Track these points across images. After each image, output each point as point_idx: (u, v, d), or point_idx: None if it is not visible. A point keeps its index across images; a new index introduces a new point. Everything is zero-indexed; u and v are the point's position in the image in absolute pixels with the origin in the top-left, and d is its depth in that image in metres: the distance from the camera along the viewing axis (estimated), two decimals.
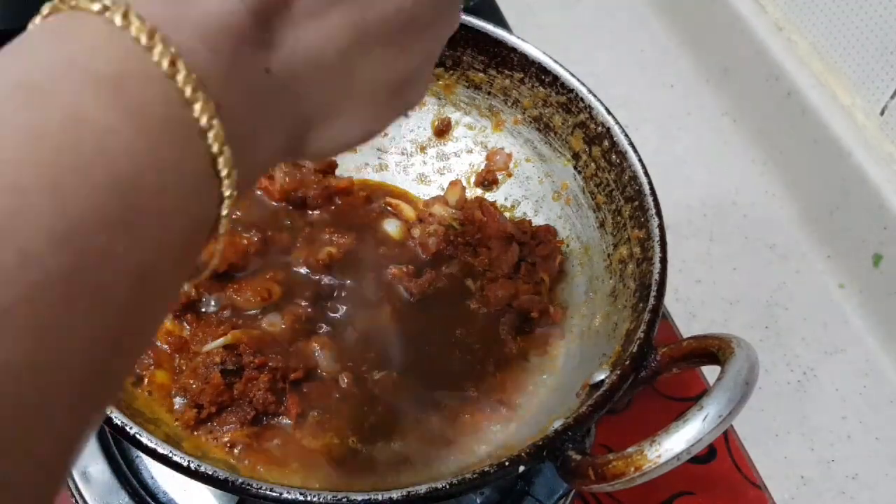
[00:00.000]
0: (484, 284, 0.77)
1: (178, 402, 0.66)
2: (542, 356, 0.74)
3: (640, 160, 0.73)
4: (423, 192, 0.85)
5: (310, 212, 0.80)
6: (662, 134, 1.19)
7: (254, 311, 0.72)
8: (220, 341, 0.67)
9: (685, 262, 1.05)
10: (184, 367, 0.67)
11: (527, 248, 0.79)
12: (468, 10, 0.81)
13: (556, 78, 0.78)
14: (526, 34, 0.82)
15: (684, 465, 0.55)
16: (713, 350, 0.60)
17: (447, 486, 0.55)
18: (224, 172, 0.34)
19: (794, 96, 1.10)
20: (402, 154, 0.86)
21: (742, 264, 1.06)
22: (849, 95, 1.07)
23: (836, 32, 1.07)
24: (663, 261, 0.67)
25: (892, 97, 1.01)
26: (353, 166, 0.85)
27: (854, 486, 0.90)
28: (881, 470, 0.91)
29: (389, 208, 0.82)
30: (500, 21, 1.18)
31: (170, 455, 0.55)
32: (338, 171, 0.83)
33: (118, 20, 0.32)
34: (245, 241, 0.76)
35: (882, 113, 1.03)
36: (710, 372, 0.89)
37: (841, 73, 1.07)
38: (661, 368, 0.63)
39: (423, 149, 0.86)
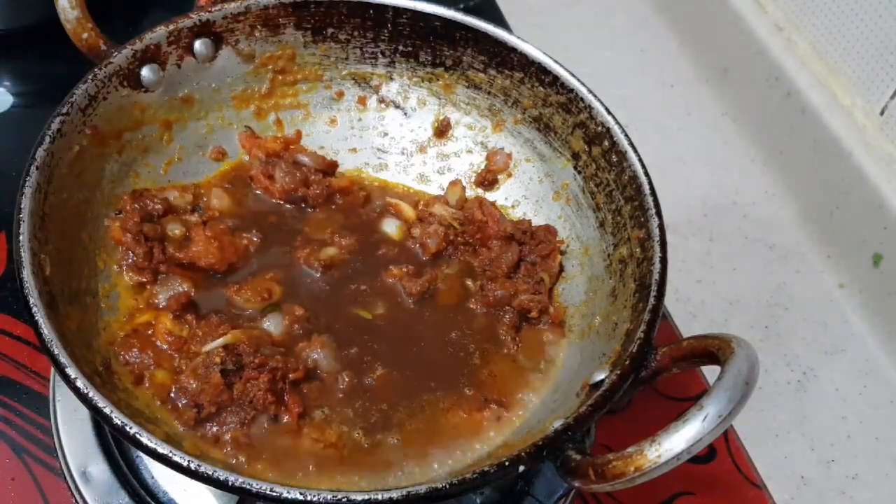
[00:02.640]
0: (484, 284, 0.77)
1: (178, 402, 0.66)
2: (542, 356, 0.74)
3: (640, 160, 0.73)
4: (424, 192, 0.84)
5: (310, 211, 0.80)
6: (662, 134, 1.19)
7: (253, 311, 0.72)
8: (220, 341, 0.67)
9: (685, 262, 1.05)
10: (184, 367, 0.67)
11: (527, 247, 0.79)
12: (468, 10, 0.81)
13: (556, 78, 0.78)
14: (526, 34, 0.82)
15: (684, 465, 0.55)
16: (713, 350, 0.59)
17: (447, 486, 0.55)
18: None
19: (794, 96, 1.10)
20: (403, 154, 0.86)
21: (742, 264, 1.07)
22: (849, 95, 1.07)
23: (836, 32, 1.07)
24: (663, 261, 0.67)
25: (892, 97, 1.01)
26: (353, 166, 0.85)
27: (854, 486, 0.90)
28: (881, 470, 0.91)
29: (389, 208, 0.82)
30: (500, 21, 1.18)
31: (170, 455, 0.55)
32: (338, 171, 0.84)
33: None
34: (245, 241, 0.76)
35: (882, 113, 1.03)
36: (710, 372, 0.89)
37: (841, 73, 1.07)
38: (661, 368, 0.63)
39: (423, 149, 0.86)
